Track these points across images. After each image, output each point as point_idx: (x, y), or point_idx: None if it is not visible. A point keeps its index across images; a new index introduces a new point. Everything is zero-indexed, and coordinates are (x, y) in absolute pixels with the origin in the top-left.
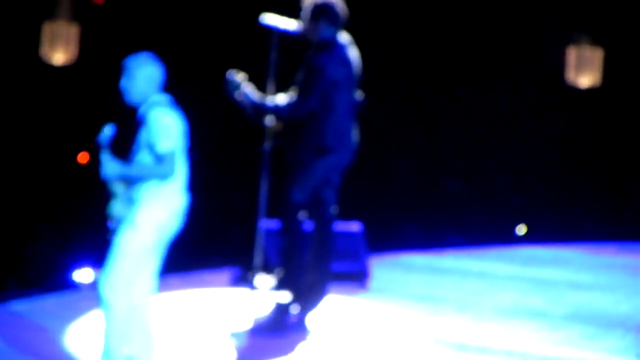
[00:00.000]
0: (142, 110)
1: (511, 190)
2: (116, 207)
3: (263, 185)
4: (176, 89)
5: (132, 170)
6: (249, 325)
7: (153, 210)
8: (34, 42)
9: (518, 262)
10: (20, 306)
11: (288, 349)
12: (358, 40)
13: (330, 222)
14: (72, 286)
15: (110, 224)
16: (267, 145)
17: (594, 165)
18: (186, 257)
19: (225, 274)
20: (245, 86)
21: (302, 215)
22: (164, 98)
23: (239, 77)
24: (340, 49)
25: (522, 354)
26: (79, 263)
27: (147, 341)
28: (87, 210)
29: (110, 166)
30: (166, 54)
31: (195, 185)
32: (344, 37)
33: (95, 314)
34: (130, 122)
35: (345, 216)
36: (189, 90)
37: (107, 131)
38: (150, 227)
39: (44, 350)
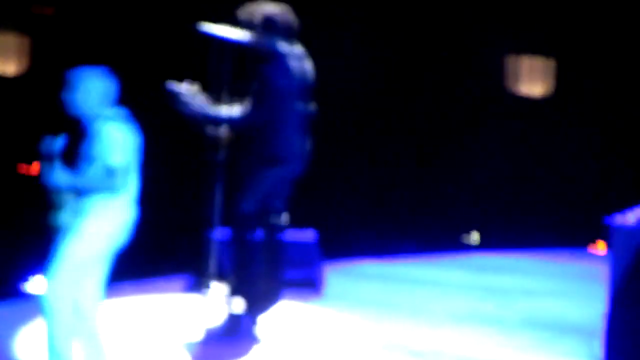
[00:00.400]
0: (93, 123)
1: (464, 199)
2: (62, 217)
3: (216, 195)
4: (128, 102)
5: (81, 181)
6: (202, 331)
7: (100, 221)
8: None
9: (471, 270)
10: None
11: (240, 355)
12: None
13: (280, 230)
14: (21, 295)
15: (54, 233)
16: (220, 155)
17: (544, 174)
18: (140, 265)
19: (178, 282)
20: (196, 97)
21: (252, 224)
22: (116, 112)
23: (190, 88)
24: (289, 59)
25: (476, 359)
26: (28, 272)
27: (96, 348)
28: (36, 220)
29: (59, 176)
30: (118, 66)
31: (150, 193)
32: (297, 48)
33: (40, 323)
34: (77, 134)
35: (300, 224)
36: (141, 102)
37: (59, 141)
38: (97, 238)
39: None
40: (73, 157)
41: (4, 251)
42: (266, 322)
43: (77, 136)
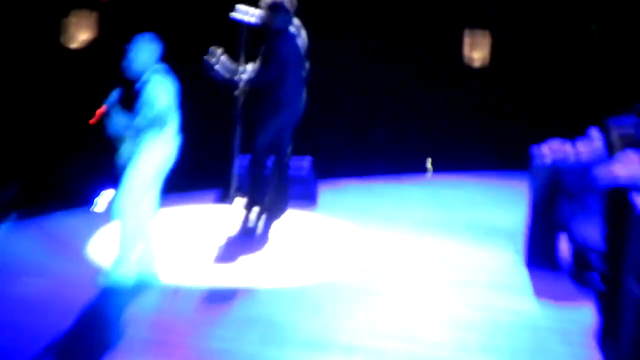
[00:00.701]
0: (144, 77)
1: (423, 133)
2: (124, 151)
3: (237, 130)
4: (171, 60)
5: (134, 124)
6: (228, 231)
7: (153, 151)
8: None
9: (427, 187)
10: (53, 222)
11: (256, 249)
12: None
13: (287, 158)
14: (99, 206)
15: (121, 161)
16: (240, 100)
17: (483, 116)
18: (183, 182)
19: (211, 195)
20: (223, 57)
21: (266, 153)
22: (160, 67)
23: (218, 51)
24: (291, 34)
25: (431, 253)
26: (100, 189)
27: (150, 248)
28: (110, 149)
29: (118, 120)
30: (163, 34)
31: (190, 131)
32: (295, 22)
33: (111, 228)
34: (135, 87)
35: (300, 153)
36: (181, 60)
37: (115, 94)
38: (151, 164)
39: (73, 253)
40: (132, 104)
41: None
42: (276, 225)
43: (133, 89)
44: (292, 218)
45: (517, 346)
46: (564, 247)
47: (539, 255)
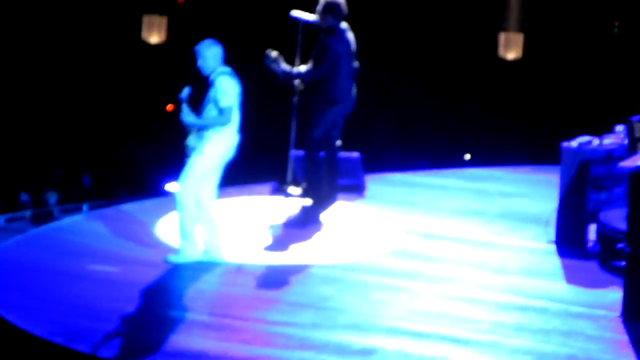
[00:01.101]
0: (211, 77)
1: (462, 129)
2: (191, 140)
3: (293, 127)
4: (234, 62)
5: (201, 119)
6: (283, 221)
7: (215, 144)
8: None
9: (465, 178)
10: (128, 207)
11: (308, 237)
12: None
13: (337, 151)
14: (163, 193)
15: (187, 151)
16: (295, 99)
17: (517, 114)
18: (241, 174)
19: (267, 187)
20: (279, 60)
21: (318, 147)
22: (225, 69)
23: (274, 53)
24: (342, 33)
25: (467, 240)
26: (167, 177)
27: (213, 231)
28: (176, 141)
29: (187, 115)
30: (226, 38)
31: (249, 125)
32: (344, 24)
33: (176, 214)
34: (203, 86)
35: (349, 147)
36: (243, 63)
37: (185, 91)
38: (212, 155)
39: (142, 236)
40: (200, 102)
41: (152, 162)
42: (327, 215)
43: (203, 88)
44: (342, 208)
45: (550, 329)
46: (593, 235)
47: (569, 243)
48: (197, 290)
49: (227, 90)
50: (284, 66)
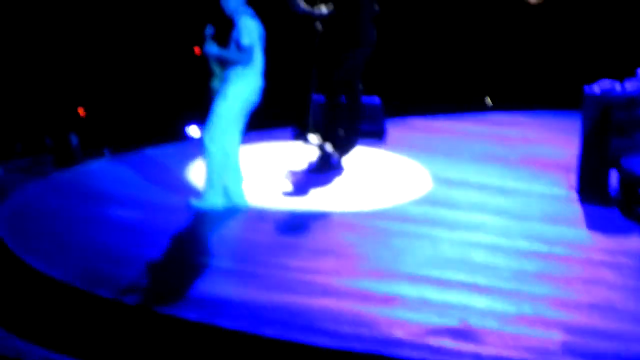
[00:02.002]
0: (234, 17)
1: (483, 72)
2: (215, 83)
3: (313, 71)
4: (255, 3)
5: (223, 52)
6: (304, 166)
7: (238, 87)
8: None
9: (486, 123)
10: (156, 151)
11: (330, 183)
12: None
13: (358, 95)
14: (187, 138)
15: (212, 95)
16: (316, 41)
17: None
18: (263, 119)
19: (288, 132)
20: (300, 1)
21: (339, 91)
22: (247, 10)
23: None
24: None
25: (489, 186)
26: (191, 122)
27: (237, 176)
28: (200, 85)
29: (210, 47)
30: None
31: (271, 69)
32: None
33: (201, 158)
34: (227, 25)
35: (370, 92)
36: (264, 5)
37: (209, 29)
38: (236, 99)
39: (165, 180)
40: (226, 40)
41: (178, 107)
42: (349, 160)
43: (226, 27)
44: (363, 153)
45: (571, 276)
46: (615, 181)
47: (591, 189)
48: (220, 237)
49: (248, 29)
50: (306, 7)
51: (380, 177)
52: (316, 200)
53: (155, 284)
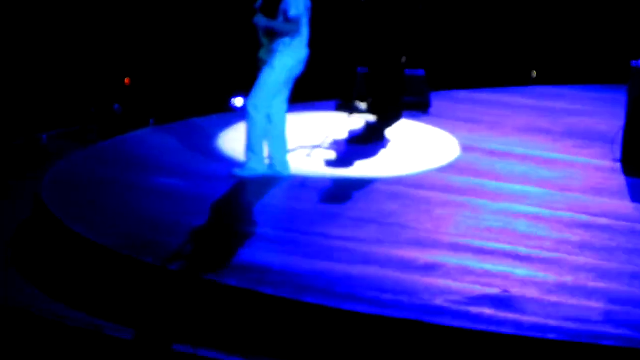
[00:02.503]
0: None
1: (530, 46)
2: (263, 54)
3: (360, 42)
4: None
5: (271, 23)
6: (347, 136)
7: (285, 57)
8: None
9: (531, 96)
10: (200, 121)
11: (373, 154)
12: None
13: (402, 68)
14: (232, 108)
15: (259, 65)
16: (361, 15)
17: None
18: (307, 91)
19: (332, 104)
20: None
21: (385, 64)
22: None
23: None
24: None
25: (532, 157)
26: (238, 93)
27: (281, 145)
28: (247, 56)
29: (259, 18)
30: None
31: (317, 41)
32: None
33: (244, 128)
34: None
35: (414, 64)
36: None
37: (259, 1)
38: (283, 69)
39: (209, 149)
40: (274, 12)
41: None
42: (393, 131)
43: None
44: (407, 125)
45: (614, 247)
46: None
47: (636, 161)
48: (262, 205)
49: (296, 1)
50: None
51: (423, 147)
52: (359, 169)
53: (198, 251)
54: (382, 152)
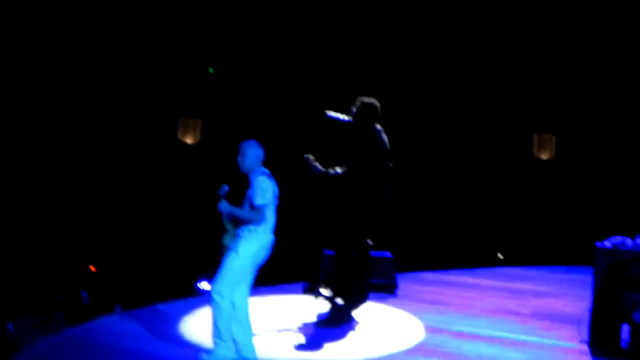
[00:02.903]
0: (249, 176)
1: (494, 231)
2: (227, 239)
3: (325, 226)
4: (270, 162)
5: (236, 211)
6: (314, 320)
7: (249, 243)
8: (174, 130)
9: (498, 278)
10: (166, 307)
11: (340, 337)
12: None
13: (369, 251)
14: (198, 292)
15: (222, 251)
16: (327, 199)
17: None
18: (273, 274)
19: (298, 286)
20: (315, 162)
21: (351, 246)
22: (264, 170)
23: (311, 157)
24: (377, 134)
25: (500, 339)
26: (202, 277)
27: (246, 330)
28: (211, 243)
29: (224, 205)
30: (264, 138)
31: (282, 225)
32: (379, 126)
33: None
34: (241, 184)
35: (380, 247)
36: (278, 162)
37: (224, 188)
38: (247, 254)
39: (176, 335)
40: (239, 198)
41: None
42: (360, 313)
43: (240, 185)
44: (374, 307)
45: None
46: (627, 335)
47: (603, 343)
48: None
49: (263, 189)
50: (320, 167)
51: (391, 329)
52: (326, 352)
53: None
54: (349, 335)
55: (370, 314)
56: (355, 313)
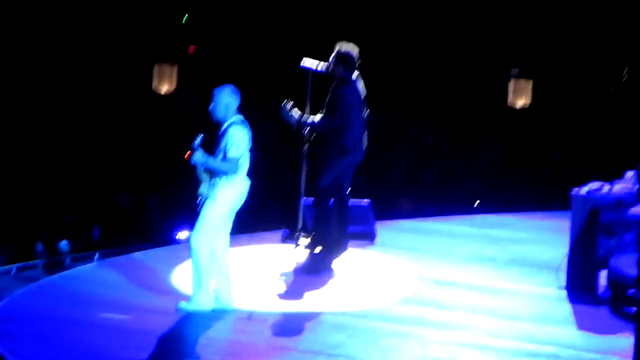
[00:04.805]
0: (223, 126)
1: (471, 177)
2: (203, 188)
3: (303, 174)
4: (247, 110)
5: (209, 163)
6: (293, 268)
7: (226, 191)
8: (148, 78)
9: (476, 225)
10: (139, 255)
11: (319, 285)
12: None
13: (347, 199)
14: (175, 241)
15: (199, 200)
16: (305, 147)
17: (527, 157)
18: (251, 222)
19: (277, 234)
20: (292, 109)
21: (327, 195)
22: (238, 118)
23: (289, 104)
24: (354, 82)
25: (478, 286)
26: (179, 226)
27: (225, 279)
28: (188, 190)
29: (198, 156)
30: (241, 85)
31: (260, 174)
32: (356, 73)
33: (188, 262)
34: (215, 133)
35: (360, 195)
36: (255, 110)
37: (199, 137)
38: (224, 202)
39: (154, 284)
40: (211, 148)
41: (166, 211)
42: (337, 262)
43: (215, 134)
44: (352, 255)
45: None
46: (604, 281)
47: (580, 289)
48: (208, 338)
49: (237, 141)
50: (298, 114)
51: (370, 278)
52: (306, 301)
53: None
54: (328, 283)
55: (349, 263)
56: (334, 261)
